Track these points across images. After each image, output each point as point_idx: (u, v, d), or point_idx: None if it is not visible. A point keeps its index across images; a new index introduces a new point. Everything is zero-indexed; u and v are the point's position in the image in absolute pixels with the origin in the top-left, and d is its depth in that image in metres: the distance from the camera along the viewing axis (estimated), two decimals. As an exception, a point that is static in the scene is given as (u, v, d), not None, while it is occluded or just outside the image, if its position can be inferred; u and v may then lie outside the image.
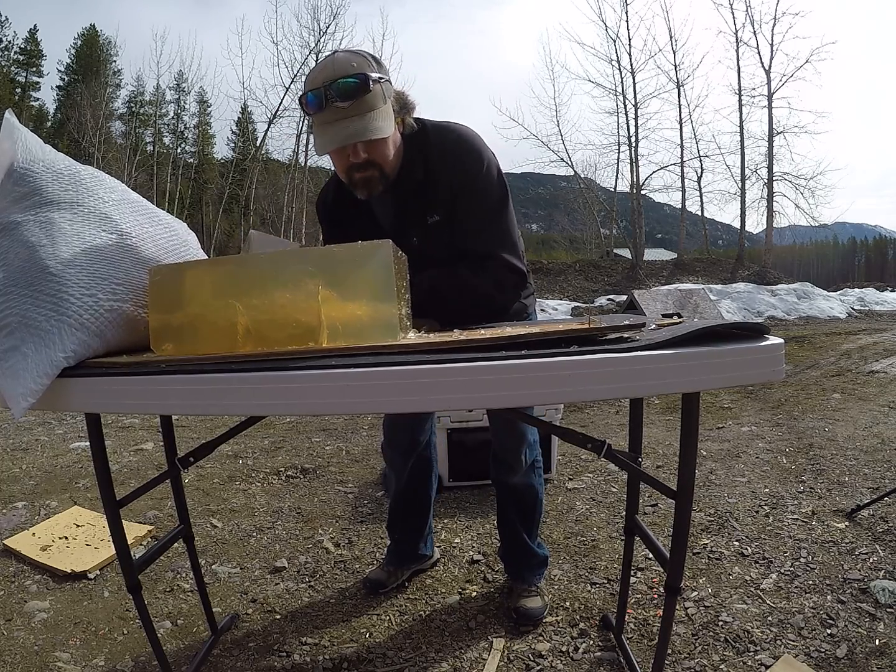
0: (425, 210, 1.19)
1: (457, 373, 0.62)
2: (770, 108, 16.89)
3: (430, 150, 1.17)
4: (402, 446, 1.59)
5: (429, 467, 1.66)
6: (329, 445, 3.10)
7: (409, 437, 1.57)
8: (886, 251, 39.60)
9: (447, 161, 1.16)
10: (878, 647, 1.30)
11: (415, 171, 1.17)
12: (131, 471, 2.70)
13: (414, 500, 1.66)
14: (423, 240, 1.20)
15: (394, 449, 1.61)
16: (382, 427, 1.63)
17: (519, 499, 1.53)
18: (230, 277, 0.84)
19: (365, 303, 0.77)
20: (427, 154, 1.17)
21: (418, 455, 1.61)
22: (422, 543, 1.71)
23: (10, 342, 0.78)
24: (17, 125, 0.98)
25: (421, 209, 1.19)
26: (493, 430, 1.51)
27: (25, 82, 22.40)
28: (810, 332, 7.80)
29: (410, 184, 1.18)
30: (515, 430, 1.45)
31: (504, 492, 1.56)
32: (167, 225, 1.08)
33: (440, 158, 1.16)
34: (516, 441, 1.46)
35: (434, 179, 1.17)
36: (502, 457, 1.49)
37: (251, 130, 22.22)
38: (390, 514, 1.71)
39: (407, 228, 1.21)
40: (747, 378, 0.66)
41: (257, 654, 1.39)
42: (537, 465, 1.54)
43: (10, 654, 1.39)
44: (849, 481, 2.27)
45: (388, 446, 1.63)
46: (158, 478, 1.14)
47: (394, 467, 1.65)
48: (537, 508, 1.56)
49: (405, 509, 1.68)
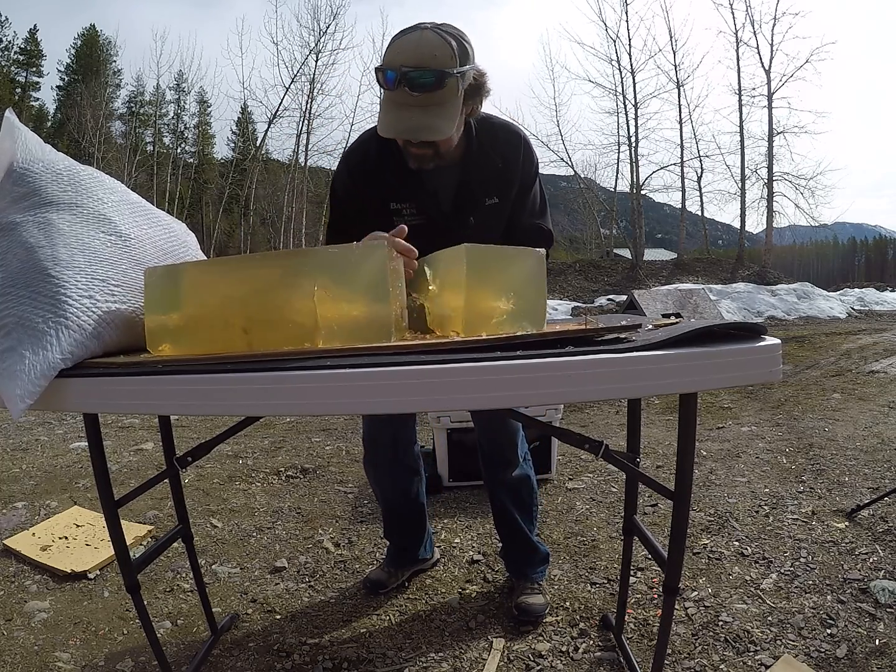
0: (486, 192, 1.24)
1: (453, 373, 0.62)
2: (770, 108, 16.88)
3: (498, 139, 1.23)
4: (385, 459, 1.55)
5: (414, 476, 1.62)
6: (329, 445, 3.10)
7: (391, 449, 1.54)
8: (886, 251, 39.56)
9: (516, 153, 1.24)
10: (878, 647, 1.30)
11: (483, 154, 1.22)
12: (131, 471, 2.70)
13: (406, 512, 1.64)
14: (478, 220, 1.25)
15: (377, 465, 1.57)
16: (363, 443, 1.57)
17: (517, 492, 1.53)
18: (226, 278, 0.84)
19: (361, 303, 0.77)
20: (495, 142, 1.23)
21: (402, 466, 1.58)
22: (421, 549, 1.70)
23: (8, 343, 0.79)
24: (18, 124, 0.98)
25: (482, 190, 1.24)
26: (482, 430, 1.50)
27: (25, 82, 22.40)
28: (810, 332, 7.79)
29: (477, 165, 1.22)
30: (507, 425, 1.45)
31: (501, 491, 1.55)
32: (166, 226, 1.08)
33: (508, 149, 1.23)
34: (510, 435, 1.46)
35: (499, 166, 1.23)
36: (498, 455, 1.49)
37: (251, 130, 22.25)
38: (385, 525, 1.69)
39: (466, 207, 1.25)
40: (744, 378, 0.66)
41: (257, 654, 1.39)
42: (527, 456, 1.56)
43: (10, 654, 1.39)
44: (849, 481, 2.27)
45: (369, 463, 1.59)
46: (157, 477, 1.14)
47: (379, 483, 1.61)
48: (534, 498, 1.57)
49: (399, 521, 1.66)
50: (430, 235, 1.20)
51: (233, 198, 21.54)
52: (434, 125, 1.05)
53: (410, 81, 1.01)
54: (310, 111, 19.62)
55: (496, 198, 1.25)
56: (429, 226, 1.22)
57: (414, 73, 1.00)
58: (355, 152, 1.28)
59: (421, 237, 1.22)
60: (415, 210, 1.24)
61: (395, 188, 1.23)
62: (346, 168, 1.28)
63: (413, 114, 1.03)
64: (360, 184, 1.26)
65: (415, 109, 1.03)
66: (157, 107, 21.54)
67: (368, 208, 1.25)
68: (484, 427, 1.50)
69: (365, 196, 1.25)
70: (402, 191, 1.24)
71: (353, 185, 1.27)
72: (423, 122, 1.04)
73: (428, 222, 1.23)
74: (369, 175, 1.24)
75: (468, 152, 1.21)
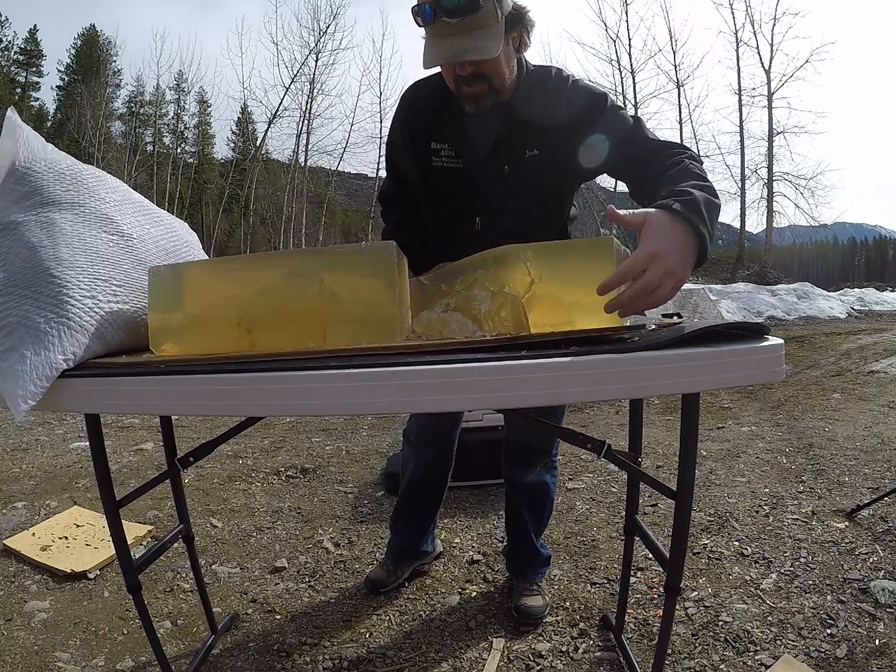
0: (525, 143, 1.16)
1: (457, 374, 0.62)
2: (770, 108, 16.92)
3: (548, 88, 1.15)
4: (435, 439, 1.57)
5: (449, 465, 1.65)
6: (329, 445, 3.10)
7: (444, 432, 1.56)
8: (886, 251, 39.55)
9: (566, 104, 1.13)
10: (878, 647, 1.30)
11: (528, 101, 1.15)
12: (131, 471, 2.70)
13: (427, 493, 1.65)
14: (513, 171, 1.17)
15: (423, 439, 1.59)
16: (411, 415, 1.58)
17: (531, 497, 1.53)
18: (230, 278, 0.84)
19: (366, 303, 0.77)
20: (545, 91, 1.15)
21: (445, 450, 1.60)
22: (427, 538, 1.71)
23: (10, 342, 0.78)
24: (20, 124, 0.97)
25: (522, 141, 1.16)
26: (517, 430, 1.48)
27: (25, 82, 22.37)
28: (810, 332, 7.80)
29: (520, 114, 1.15)
30: (544, 432, 1.42)
31: (517, 491, 1.55)
32: (168, 226, 1.08)
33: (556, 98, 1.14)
34: (549, 441, 1.46)
35: (544, 114, 1.13)
36: (524, 457, 1.48)
37: (251, 130, 22.27)
38: (399, 503, 1.68)
39: (502, 156, 1.17)
40: (748, 378, 0.66)
41: (257, 654, 1.39)
42: (552, 464, 1.54)
43: (10, 654, 1.39)
44: (849, 481, 2.27)
45: (411, 437, 1.61)
46: (158, 478, 1.14)
47: (417, 456, 1.62)
48: (548, 507, 1.57)
49: (418, 500, 1.66)
50: (465, 181, 1.20)
51: (233, 198, 21.56)
52: (478, 45, 1.01)
53: (445, 6, 0.98)
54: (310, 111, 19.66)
55: (536, 150, 1.16)
56: (465, 171, 1.19)
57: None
58: (408, 92, 1.27)
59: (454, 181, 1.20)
60: (453, 152, 1.20)
61: (438, 125, 1.20)
62: (398, 111, 1.27)
63: (455, 39, 1.01)
64: (406, 127, 1.24)
65: (456, 36, 1.00)
66: (157, 107, 21.56)
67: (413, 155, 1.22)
68: (521, 426, 1.46)
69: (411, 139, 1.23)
70: (444, 130, 1.20)
71: (400, 130, 1.25)
72: (467, 44, 1.00)
73: (464, 167, 1.20)
74: (417, 115, 1.22)
75: (515, 96, 1.14)
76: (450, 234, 1.26)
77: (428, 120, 1.21)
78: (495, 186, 1.18)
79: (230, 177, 21.49)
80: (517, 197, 1.18)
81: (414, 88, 1.26)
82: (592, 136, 1.12)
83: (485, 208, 1.21)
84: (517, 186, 1.17)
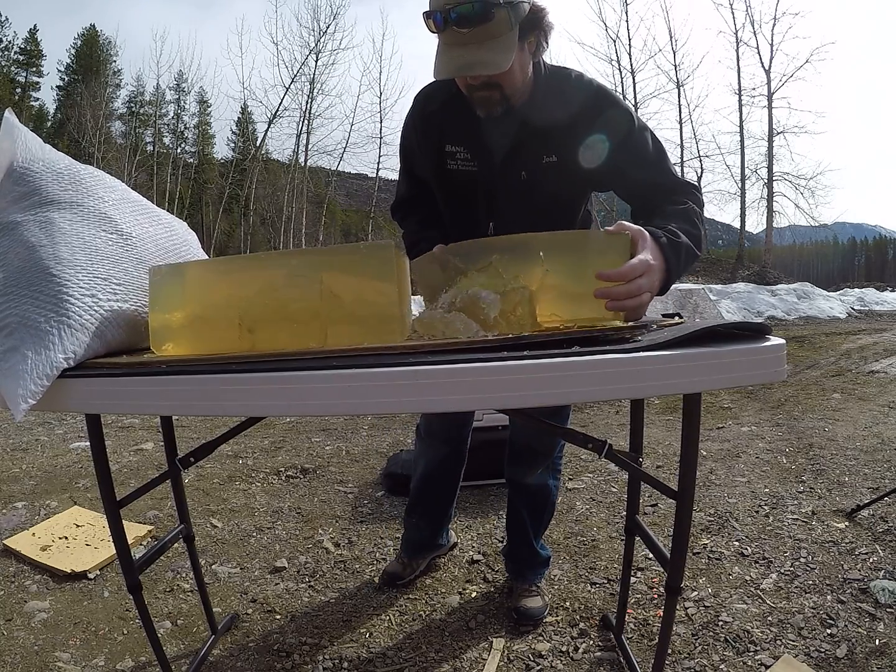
0: (543, 149, 1.14)
1: (458, 374, 0.62)
2: (770, 108, 16.94)
3: (566, 92, 1.13)
4: (445, 436, 1.58)
5: (461, 462, 1.65)
6: (329, 445, 3.10)
7: (453, 430, 1.57)
8: (886, 251, 39.58)
9: (583, 109, 1.11)
10: (878, 647, 1.30)
11: (545, 105, 1.12)
12: (131, 471, 2.70)
13: (437, 489, 1.65)
14: (531, 177, 1.16)
15: (433, 436, 1.59)
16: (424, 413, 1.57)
17: (533, 499, 1.53)
18: (231, 277, 0.83)
19: (366, 303, 0.77)
20: (563, 94, 1.12)
21: (456, 447, 1.61)
22: (442, 532, 1.72)
23: (10, 342, 0.78)
24: (17, 124, 0.97)
25: (539, 147, 1.14)
26: (521, 430, 1.48)
27: (25, 82, 22.38)
28: (810, 332, 7.80)
29: (537, 119, 1.12)
30: (550, 434, 1.42)
31: (519, 491, 1.55)
32: (168, 225, 1.08)
33: (574, 103, 1.11)
34: (552, 443, 1.46)
35: (561, 119, 1.11)
36: (526, 457, 1.48)
37: (251, 130, 22.29)
38: (411, 498, 1.68)
39: (519, 162, 1.16)
40: (749, 378, 0.65)
41: (257, 654, 1.39)
42: (555, 467, 1.54)
43: (10, 654, 1.39)
44: (849, 481, 2.27)
45: (423, 430, 1.61)
46: (158, 478, 1.14)
47: (428, 453, 1.62)
48: (549, 509, 1.57)
49: (429, 496, 1.66)
50: (479, 186, 1.18)
51: (233, 198, 21.57)
52: (488, 59, 0.98)
53: (455, 15, 0.96)
54: (310, 111, 19.67)
55: (555, 156, 1.13)
56: (480, 175, 1.18)
57: (457, 7, 0.96)
58: (422, 94, 1.25)
59: (467, 186, 1.19)
60: (468, 155, 1.19)
61: (452, 128, 1.18)
62: (411, 111, 1.26)
63: (466, 51, 0.98)
64: (420, 129, 1.22)
65: (467, 47, 0.98)
66: (157, 107, 21.57)
67: (427, 157, 1.21)
68: (526, 427, 1.46)
69: (425, 140, 1.22)
70: (459, 133, 1.18)
71: (413, 131, 1.24)
72: (477, 57, 0.98)
73: (479, 171, 1.18)
74: (431, 117, 1.20)
75: (532, 101, 1.12)
76: (461, 238, 1.26)
77: (442, 122, 1.20)
78: (511, 192, 1.17)
79: (230, 177, 21.50)
80: (532, 203, 1.16)
81: (427, 90, 1.25)
82: (614, 161, 1.11)
83: (498, 213, 1.20)
84: (533, 192, 1.16)
